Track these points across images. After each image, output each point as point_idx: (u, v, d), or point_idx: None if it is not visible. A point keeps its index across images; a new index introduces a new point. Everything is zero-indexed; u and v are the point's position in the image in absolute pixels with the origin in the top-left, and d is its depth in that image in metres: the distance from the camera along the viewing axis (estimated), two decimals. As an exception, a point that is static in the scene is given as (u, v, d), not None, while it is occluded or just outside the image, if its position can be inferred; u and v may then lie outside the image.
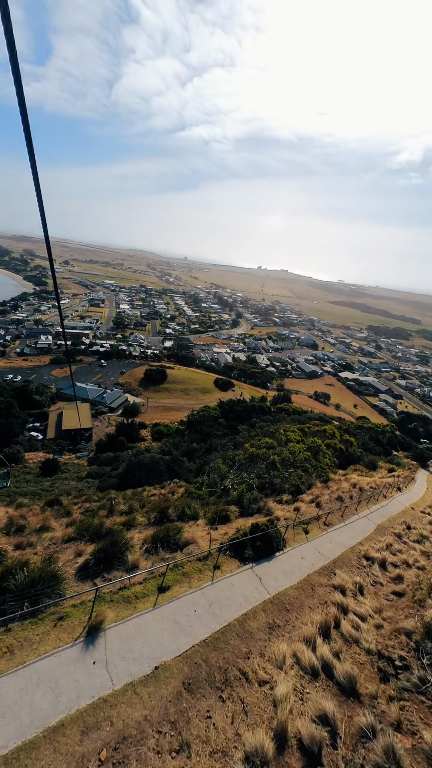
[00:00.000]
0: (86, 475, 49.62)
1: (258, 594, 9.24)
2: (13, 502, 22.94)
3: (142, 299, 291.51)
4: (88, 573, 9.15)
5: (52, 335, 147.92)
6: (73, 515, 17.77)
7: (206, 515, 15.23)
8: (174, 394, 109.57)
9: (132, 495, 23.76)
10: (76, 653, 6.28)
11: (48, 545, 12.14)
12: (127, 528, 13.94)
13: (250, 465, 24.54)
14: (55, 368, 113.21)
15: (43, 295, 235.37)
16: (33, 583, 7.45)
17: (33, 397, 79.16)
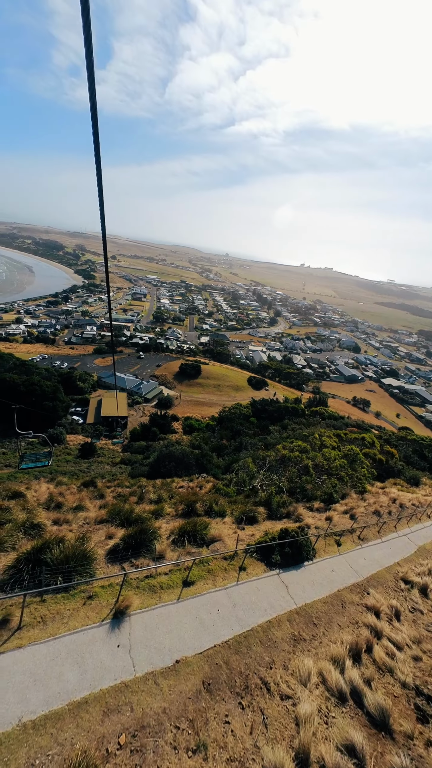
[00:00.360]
0: (120, 461, 52.00)
1: (284, 602, 8.86)
2: (54, 479, 24.64)
3: (182, 294, 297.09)
4: (117, 556, 9.43)
5: (97, 326, 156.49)
6: (106, 498, 18.60)
7: (233, 513, 15.05)
8: (207, 390, 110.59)
9: (161, 485, 24.33)
10: (102, 634, 6.46)
11: (82, 524, 12.75)
12: (156, 517, 14.22)
13: (281, 467, 23.87)
14: (97, 357, 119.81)
15: (91, 288, 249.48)
16: (67, 560, 7.81)
17: (77, 384, 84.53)
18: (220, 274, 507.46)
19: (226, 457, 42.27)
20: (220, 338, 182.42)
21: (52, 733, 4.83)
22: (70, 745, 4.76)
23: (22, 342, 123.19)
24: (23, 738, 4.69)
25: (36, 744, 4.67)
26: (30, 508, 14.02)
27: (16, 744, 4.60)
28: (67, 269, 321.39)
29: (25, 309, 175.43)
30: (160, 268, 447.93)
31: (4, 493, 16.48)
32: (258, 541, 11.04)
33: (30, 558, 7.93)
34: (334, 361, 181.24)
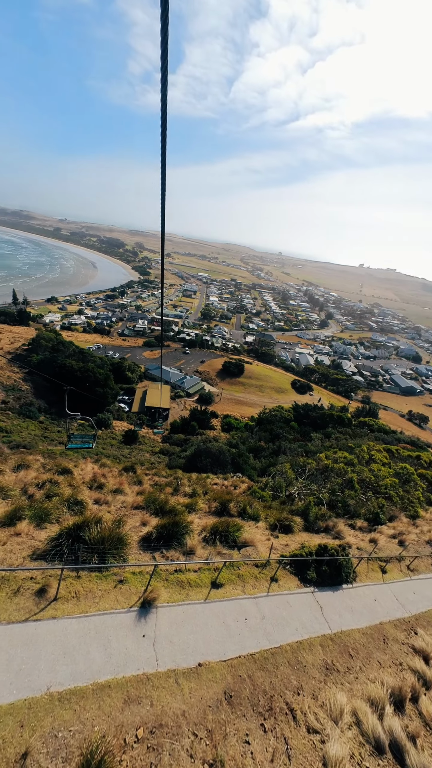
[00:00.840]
0: (159, 450, 53.91)
1: (317, 624, 8.17)
2: (99, 461, 26.26)
3: (231, 293, 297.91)
4: (149, 544, 9.55)
5: (148, 320, 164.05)
6: (144, 485, 19.21)
7: (267, 519, 14.49)
8: (248, 389, 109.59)
9: (196, 479, 24.51)
10: (129, 621, 6.50)
11: (120, 507, 13.24)
12: (189, 511, 14.24)
13: (322, 478, 22.51)
14: (146, 350, 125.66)
15: (146, 284, 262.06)
16: (103, 541, 8.06)
17: (126, 374, 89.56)
18: (271, 273, 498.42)
19: (263, 460, 41.36)
20: (266, 338, 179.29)
21: (75, 710, 4.93)
22: (91, 726, 4.81)
23: (81, 331, 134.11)
24: (49, 708, 4.85)
25: (60, 717, 4.79)
26: (75, 485, 14.98)
27: (42, 712, 4.76)
28: (125, 265, 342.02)
29: (87, 301, 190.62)
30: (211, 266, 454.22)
31: (55, 468, 17.88)
32: (293, 552, 10.39)
33: (71, 533, 8.35)
34: (389, 370, 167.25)
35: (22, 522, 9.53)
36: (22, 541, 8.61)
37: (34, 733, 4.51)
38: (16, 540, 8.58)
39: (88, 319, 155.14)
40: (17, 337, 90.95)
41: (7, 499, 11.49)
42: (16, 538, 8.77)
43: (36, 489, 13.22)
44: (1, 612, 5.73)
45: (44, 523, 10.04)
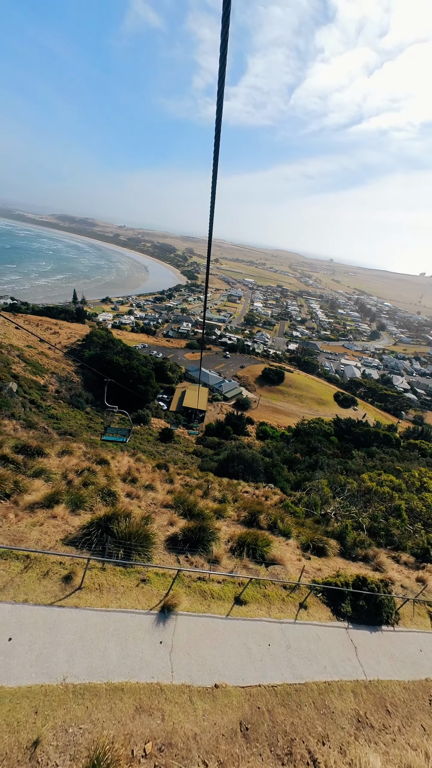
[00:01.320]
0: (192, 451, 54.44)
1: (350, 667, 7.28)
2: (135, 455, 27.13)
3: (276, 299, 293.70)
4: (175, 546, 9.40)
5: (192, 323, 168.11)
6: (175, 484, 19.32)
7: (299, 537, 13.58)
8: (287, 398, 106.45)
9: (227, 485, 24.09)
10: (147, 623, 6.34)
11: (150, 503, 13.35)
12: (217, 517, 13.91)
13: (363, 500, 20.69)
14: (188, 352, 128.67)
15: (193, 287, 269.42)
16: (130, 536, 8.07)
17: (167, 373, 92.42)
18: (320, 281, 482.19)
19: (297, 473, 39.62)
20: (310, 347, 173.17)
21: (87, 707, 4.84)
22: (101, 729, 4.68)
23: (130, 331, 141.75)
24: (63, 699, 4.82)
25: (72, 711, 4.74)
26: (111, 476, 15.49)
27: (56, 702, 4.75)
28: (175, 270, 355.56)
29: (137, 303, 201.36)
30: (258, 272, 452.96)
31: (94, 458, 18.72)
32: (326, 579, 9.50)
33: (101, 524, 8.50)
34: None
35: (59, 506, 9.99)
36: (56, 525, 8.98)
37: (46, 723, 4.49)
38: (51, 522, 8.97)
39: (137, 320, 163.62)
40: (73, 333, 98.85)
41: (49, 482, 12.19)
42: (52, 520, 9.19)
43: (75, 475, 13.88)
44: (30, 592, 5.92)
45: (78, 509, 10.43)
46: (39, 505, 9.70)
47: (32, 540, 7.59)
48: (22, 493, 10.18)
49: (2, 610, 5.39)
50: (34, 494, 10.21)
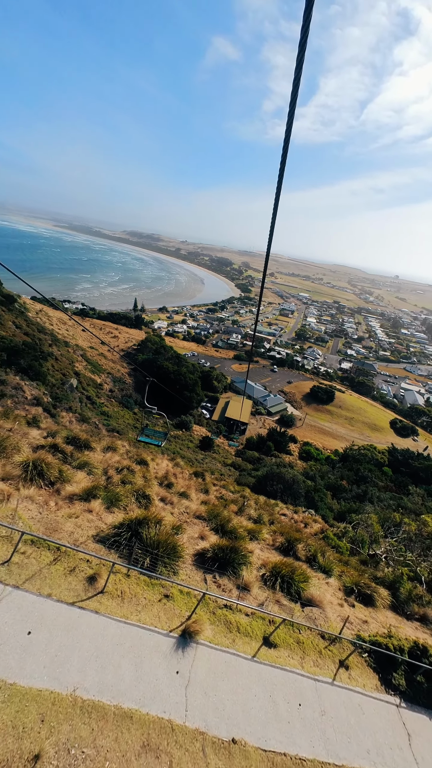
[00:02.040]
0: (230, 463, 53.51)
1: (400, 759, 5.87)
2: (174, 459, 27.33)
3: (332, 315, 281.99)
4: (203, 563, 8.83)
5: (241, 335, 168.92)
6: (210, 495, 18.80)
7: (342, 578, 11.99)
8: (336, 420, 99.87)
9: (264, 504, 22.83)
10: (166, 646, 5.83)
11: (182, 512, 13.01)
12: (251, 537, 13.01)
13: (422, 547, 17.83)
14: (235, 363, 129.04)
15: (245, 300, 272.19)
16: (158, 545, 7.73)
17: (213, 382, 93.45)
18: (382, 298, 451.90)
19: (342, 502, 36.33)
20: (366, 368, 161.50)
21: (93, 729, 4.47)
22: (104, 759, 4.25)
23: (181, 339, 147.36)
24: (70, 713, 4.51)
25: (77, 729, 4.40)
26: (148, 478, 15.57)
27: (63, 715, 4.46)
28: (229, 282, 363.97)
29: (191, 313, 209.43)
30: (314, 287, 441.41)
31: (135, 457, 19.13)
32: (374, 637, 8.04)
33: (131, 526, 8.33)
34: None
35: (96, 501, 10.14)
36: (91, 520, 9.05)
37: (50, 736, 4.21)
38: (86, 517, 9.08)
39: (189, 329, 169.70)
40: (131, 338, 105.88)
41: (90, 476, 12.58)
42: (87, 515, 9.31)
43: (115, 472, 14.18)
44: (55, 587, 5.85)
45: (113, 507, 10.48)
46: (78, 497, 9.95)
47: (66, 532, 7.67)
48: (65, 482, 10.58)
49: (26, 601, 5.37)
50: (75, 485, 10.53)
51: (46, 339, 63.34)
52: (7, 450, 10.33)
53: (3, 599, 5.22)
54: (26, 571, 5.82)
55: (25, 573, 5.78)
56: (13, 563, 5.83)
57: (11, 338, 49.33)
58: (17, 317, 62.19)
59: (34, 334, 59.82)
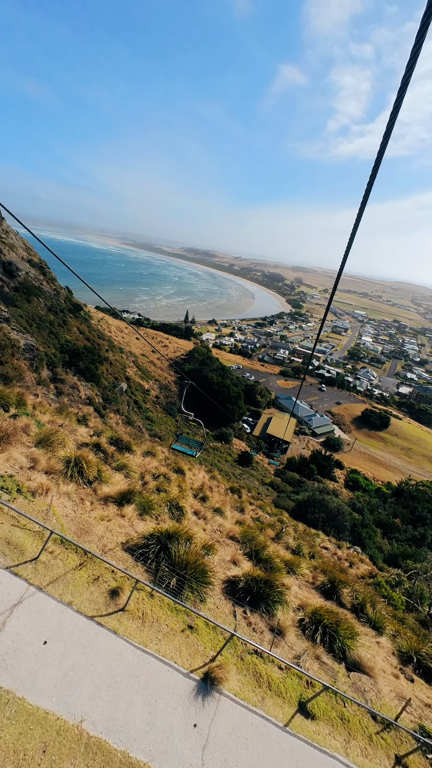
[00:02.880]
0: (269, 482, 51.15)
1: None
2: (211, 471, 26.73)
3: (390, 335, 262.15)
4: (233, 593, 7.97)
5: (289, 351, 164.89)
6: (245, 514, 17.74)
7: (397, 640, 10.06)
8: (390, 448, 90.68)
9: (303, 533, 20.95)
10: (184, 690, 5.10)
11: (215, 530, 12.26)
12: (288, 570, 11.72)
13: None
14: (280, 379, 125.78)
15: (295, 316, 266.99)
16: (186, 565, 7.12)
17: (256, 397, 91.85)
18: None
19: (395, 543, 32.10)
20: (429, 394, 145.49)
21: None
22: None
23: (228, 351, 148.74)
24: (74, 750, 4.02)
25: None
26: (183, 488, 15.16)
27: (66, 750, 3.99)
28: (280, 298, 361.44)
29: (239, 326, 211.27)
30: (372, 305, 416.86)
31: (173, 465, 18.97)
32: (442, 731, 6.31)
33: (161, 539, 7.86)
34: None
35: (129, 506, 9.94)
36: (122, 525, 8.82)
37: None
38: (118, 521, 8.87)
39: (236, 342, 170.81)
40: (179, 348, 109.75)
41: (127, 479, 12.56)
42: (120, 519, 9.10)
43: (151, 478, 14.03)
44: (76, 595, 5.55)
45: (145, 515, 10.18)
46: (112, 500, 9.84)
47: (96, 535, 7.48)
48: (102, 483, 10.61)
49: (47, 606, 5.12)
50: (111, 487, 10.49)
51: (103, 344, 68.42)
52: (54, 444, 10.73)
53: (26, 600, 5.04)
54: (51, 573, 5.63)
55: (50, 575, 5.59)
56: (40, 562, 5.69)
57: (74, 342, 54.15)
58: (81, 323, 68.40)
59: (94, 339, 65.02)
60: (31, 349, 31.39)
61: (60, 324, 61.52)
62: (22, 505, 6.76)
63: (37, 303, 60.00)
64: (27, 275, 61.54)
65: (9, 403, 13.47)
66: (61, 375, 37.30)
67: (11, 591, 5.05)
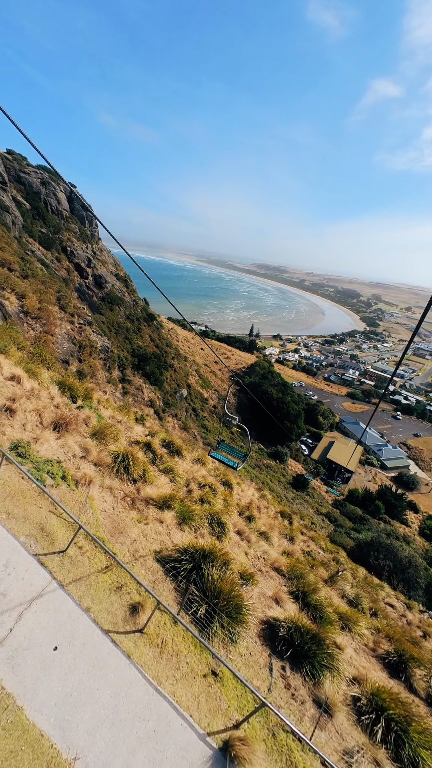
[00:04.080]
0: (325, 512, 46.44)
1: None
2: (261, 490, 25.11)
3: None
4: (271, 639, 6.70)
5: (360, 372, 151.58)
6: (295, 545, 15.86)
7: None
8: None
9: (364, 581, 17.90)
10: (197, 757, 4.13)
11: (258, 556, 10.99)
12: (342, 626, 9.75)
13: None
14: (347, 401, 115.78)
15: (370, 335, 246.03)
16: (219, 594, 6.18)
17: (318, 418, 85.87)
18: None
19: None
20: None
21: None
22: None
23: (291, 368, 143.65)
24: (61, 793, 3.41)
25: None
26: (229, 503, 14.21)
27: (52, 790, 3.40)
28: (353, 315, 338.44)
29: (305, 343, 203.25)
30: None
31: (221, 477, 18.19)
32: None
33: (195, 557, 7.09)
34: None
35: (169, 512, 9.46)
36: (158, 532, 8.33)
37: None
38: (155, 527, 8.41)
39: (300, 358, 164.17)
40: (241, 361, 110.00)
41: (172, 483, 12.21)
42: (157, 525, 8.64)
43: (197, 487, 13.45)
44: (96, 602, 5.10)
45: (185, 525, 9.56)
46: (153, 503, 9.50)
47: (130, 537, 7.09)
48: (146, 483, 10.40)
49: (65, 608, 4.77)
50: (154, 489, 10.19)
51: (170, 352, 72.32)
52: (107, 438, 10.97)
53: (46, 594, 4.77)
54: (76, 570, 5.32)
55: (74, 572, 5.28)
56: (67, 556, 5.45)
57: (145, 348, 58.33)
58: (153, 332, 73.73)
59: (162, 347, 69.21)
60: (106, 350, 34.57)
61: (135, 331, 67.27)
62: (62, 493, 6.76)
63: (117, 311, 66.81)
64: (113, 287, 69.33)
65: (77, 396, 14.46)
66: (129, 376, 40.16)
67: (35, 581, 4.85)
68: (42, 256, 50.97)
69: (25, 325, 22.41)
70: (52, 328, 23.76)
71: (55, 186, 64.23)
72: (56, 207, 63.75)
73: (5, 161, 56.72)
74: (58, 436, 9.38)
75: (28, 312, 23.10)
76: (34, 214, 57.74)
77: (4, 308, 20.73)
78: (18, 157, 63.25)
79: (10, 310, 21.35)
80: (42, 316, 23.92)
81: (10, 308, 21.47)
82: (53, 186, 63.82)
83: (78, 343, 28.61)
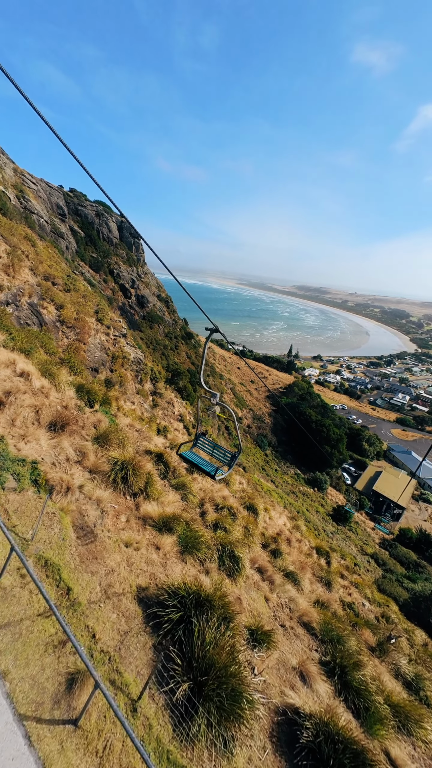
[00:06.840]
0: (371, 553, 40.47)
1: None
2: (295, 519, 22.05)
3: None
4: (289, 744, 4.54)
5: (411, 396, 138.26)
6: (332, 592, 12.93)
7: None
8: None
9: (424, 650, 14.04)
10: None
11: (282, 605, 8.70)
12: (398, 724, 7.01)
13: None
14: (397, 428, 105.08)
15: (422, 357, 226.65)
16: (209, 668, 4.27)
17: (362, 444, 78.39)
18: None
19: None
20: None
21: None
22: None
23: (332, 389, 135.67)
24: None
25: None
26: (251, 531, 12.03)
27: None
28: (402, 336, 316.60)
29: (347, 364, 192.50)
30: None
31: (246, 500, 16.03)
32: None
33: (187, 604, 5.27)
34: None
35: (169, 537, 7.79)
36: (150, 561, 6.68)
37: None
38: (147, 555, 6.79)
39: (343, 380, 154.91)
40: (279, 381, 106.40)
41: (183, 502, 10.55)
42: (152, 552, 7.01)
43: (212, 509, 11.58)
44: (19, 666, 3.48)
45: (188, 554, 7.78)
46: (152, 523, 7.92)
47: (107, 567, 5.55)
48: (148, 498, 8.90)
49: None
50: (157, 507, 8.62)
51: (206, 369, 72.16)
52: (111, 443, 9.79)
53: None
54: (4, 610, 3.88)
55: (3, 612, 3.85)
56: (1, 587, 4.05)
57: (180, 364, 58.72)
58: (190, 349, 74.60)
59: (198, 364, 69.35)
60: (138, 362, 34.82)
61: (172, 348, 68.56)
62: (25, 500, 5.50)
63: (157, 329, 69.01)
64: (154, 306, 72.27)
65: (95, 400, 13.72)
66: (161, 390, 39.94)
67: None
68: (90, 277, 54.89)
69: (60, 333, 23.05)
70: (85, 337, 24.23)
71: (107, 216, 70.29)
72: (107, 235, 69.34)
73: (66, 197, 63.53)
74: (52, 436, 8.39)
75: (65, 321, 23.83)
76: (87, 241, 63.11)
77: (42, 316, 21.49)
78: (78, 194, 70.65)
79: (47, 318, 22.11)
80: (77, 325, 24.60)
81: (48, 317, 22.25)
82: (106, 217, 69.87)
83: (111, 354, 29.03)
